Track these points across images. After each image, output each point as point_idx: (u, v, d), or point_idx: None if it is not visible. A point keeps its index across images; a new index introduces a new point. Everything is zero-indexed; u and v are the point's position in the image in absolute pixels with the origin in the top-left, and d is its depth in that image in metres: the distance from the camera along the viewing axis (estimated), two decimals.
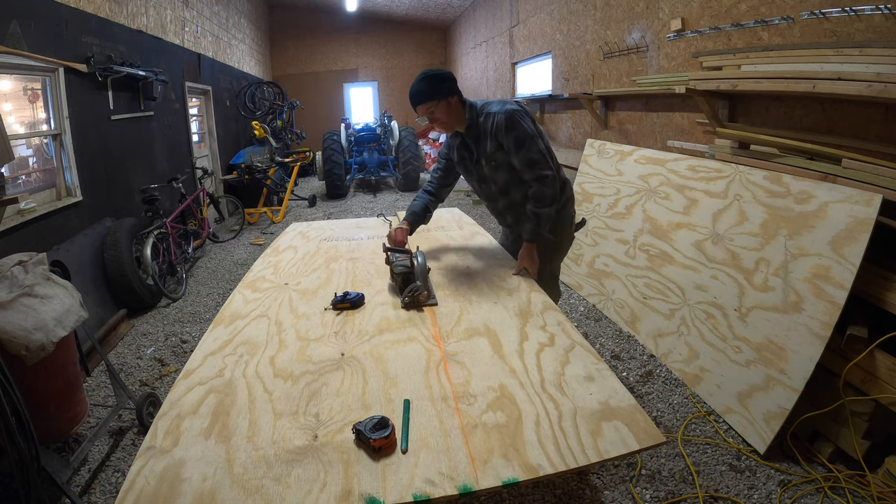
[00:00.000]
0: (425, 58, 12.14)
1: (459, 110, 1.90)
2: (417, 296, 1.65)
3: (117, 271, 3.44)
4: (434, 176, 2.19)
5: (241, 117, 8.15)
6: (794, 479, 1.85)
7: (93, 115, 3.79)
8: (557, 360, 1.34)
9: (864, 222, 1.86)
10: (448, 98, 1.85)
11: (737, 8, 3.00)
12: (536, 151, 1.82)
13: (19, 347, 1.65)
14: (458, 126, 1.94)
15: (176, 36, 5.57)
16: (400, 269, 1.73)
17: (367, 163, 8.29)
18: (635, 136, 4.29)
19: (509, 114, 1.80)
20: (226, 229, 6.22)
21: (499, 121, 1.81)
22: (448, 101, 1.85)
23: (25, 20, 3.00)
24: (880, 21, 2.17)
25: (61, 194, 3.44)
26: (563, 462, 0.99)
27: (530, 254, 1.91)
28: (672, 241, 2.80)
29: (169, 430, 1.09)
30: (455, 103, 1.88)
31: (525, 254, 1.91)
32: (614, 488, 1.84)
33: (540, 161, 1.82)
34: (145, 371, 2.86)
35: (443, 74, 1.88)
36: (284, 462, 0.99)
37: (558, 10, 5.71)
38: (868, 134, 2.27)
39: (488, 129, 1.86)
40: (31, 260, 1.92)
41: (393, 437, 1.02)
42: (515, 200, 1.99)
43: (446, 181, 2.18)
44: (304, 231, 2.71)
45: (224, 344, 1.47)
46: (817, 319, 1.91)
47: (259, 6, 10.09)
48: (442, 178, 2.16)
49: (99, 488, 1.95)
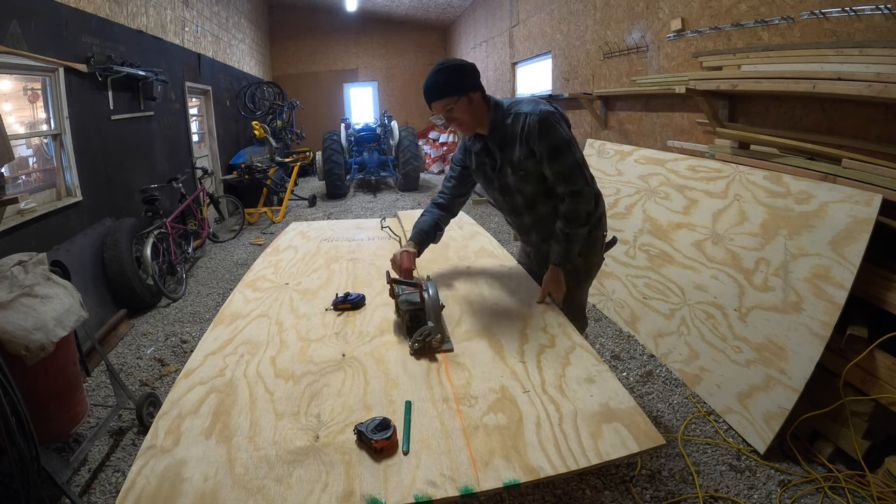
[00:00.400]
0: (425, 58, 12.13)
1: (482, 109, 1.65)
2: (429, 341, 1.38)
3: (117, 271, 3.44)
4: (446, 186, 1.90)
5: (241, 117, 8.14)
6: (794, 479, 1.85)
7: (93, 115, 3.79)
8: (558, 361, 1.34)
9: (864, 222, 1.86)
10: (470, 94, 1.60)
11: (737, 8, 3.00)
12: (573, 162, 1.57)
13: (19, 347, 1.65)
14: (479, 127, 1.68)
15: (176, 36, 5.57)
16: (407, 306, 1.47)
17: (367, 163, 8.29)
18: (635, 136, 4.29)
19: (544, 116, 1.54)
20: (226, 229, 6.22)
21: (531, 123, 1.56)
22: (470, 97, 1.60)
23: (25, 20, 3.00)
24: (880, 21, 2.17)
25: (61, 194, 3.43)
26: (563, 464, 0.99)
27: (557, 279, 1.66)
28: (672, 241, 2.80)
29: (170, 429, 1.09)
30: (478, 100, 1.63)
31: (551, 278, 1.66)
32: (614, 488, 1.84)
33: (576, 174, 1.58)
34: (145, 371, 2.86)
35: (464, 66, 1.62)
36: (286, 462, 0.99)
37: (558, 10, 5.71)
38: (868, 134, 2.28)
39: (517, 133, 1.60)
40: (31, 260, 1.92)
41: (394, 439, 1.03)
42: (543, 216, 1.74)
43: (460, 191, 1.89)
44: (304, 231, 2.71)
45: (225, 343, 1.47)
46: (817, 319, 1.91)
47: (259, 6, 10.09)
48: (455, 187, 1.87)
49: (99, 488, 1.95)
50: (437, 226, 1.85)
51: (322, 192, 8.14)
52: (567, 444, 1.04)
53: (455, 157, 1.88)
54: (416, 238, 1.81)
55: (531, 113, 1.57)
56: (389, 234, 2.44)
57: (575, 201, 1.60)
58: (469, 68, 1.62)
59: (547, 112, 1.55)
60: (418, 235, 1.81)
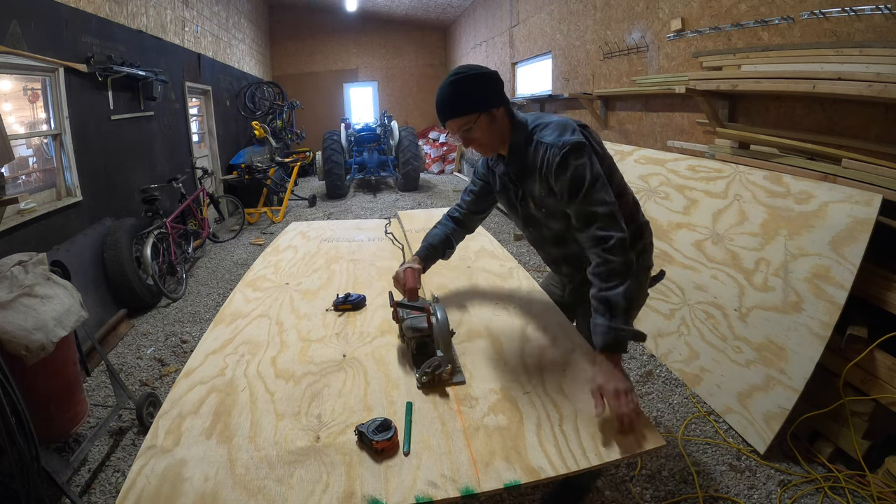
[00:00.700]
0: (425, 58, 12.14)
1: (506, 127, 1.38)
2: (439, 374, 1.22)
3: (117, 271, 3.44)
4: (464, 199, 1.66)
5: (241, 117, 8.14)
6: (794, 479, 1.85)
7: (93, 115, 3.79)
8: (558, 362, 1.34)
9: (864, 222, 1.86)
10: (493, 110, 1.33)
11: (737, 8, 3.00)
12: (600, 203, 1.24)
13: (19, 347, 1.65)
14: (501, 148, 1.42)
15: (176, 36, 5.57)
16: (413, 333, 1.31)
17: (367, 163, 8.29)
18: (635, 136, 4.30)
19: (566, 150, 1.25)
20: (226, 229, 6.22)
21: (549, 158, 1.28)
22: (492, 114, 1.33)
23: (25, 20, 3.00)
24: (880, 21, 2.17)
25: (61, 194, 3.43)
26: (563, 465, 0.99)
27: (609, 372, 1.13)
28: (672, 241, 2.80)
29: (170, 429, 1.09)
30: (501, 117, 1.36)
31: (602, 373, 1.14)
32: (614, 488, 1.85)
33: (603, 218, 1.24)
34: (145, 371, 2.86)
35: (486, 76, 1.33)
36: (287, 463, 0.99)
37: (558, 10, 5.71)
38: (868, 134, 2.28)
39: (537, 166, 1.33)
40: (31, 260, 1.92)
41: (395, 440, 1.02)
42: (574, 252, 1.47)
43: (479, 207, 1.64)
44: (304, 231, 2.70)
45: (225, 343, 1.47)
46: (817, 319, 1.91)
47: (259, 6, 10.08)
48: (473, 203, 1.63)
49: (99, 488, 1.95)
50: (448, 241, 1.63)
51: (322, 192, 8.14)
52: (567, 445, 1.04)
53: (478, 168, 1.63)
54: (423, 253, 1.60)
55: (552, 145, 1.28)
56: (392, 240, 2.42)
57: (605, 252, 1.22)
58: (491, 78, 1.34)
59: (571, 144, 1.25)
60: (426, 250, 1.60)
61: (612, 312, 1.17)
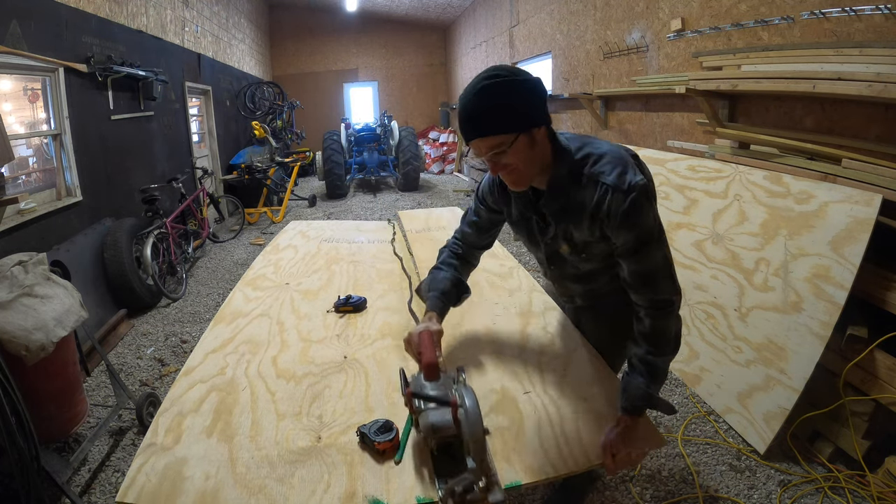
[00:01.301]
0: (425, 58, 12.14)
1: (547, 153, 1.10)
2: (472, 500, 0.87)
3: (117, 271, 3.44)
4: (464, 231, 1.38)
5: (241, 117, 8.14)
6: (794, 479, 1.85)
7: (93, 114, 3.79)
8: (559, 362, 1.34)
9: (864, 222, 1.87)
10: (533, 131, 1.04)
11: (737, 8, 3.00)
12: (661, 260, 1.09)
13: (19, 347, 1.65)
14: (537, 179, 1.13)
15: (176, 36, 5.57)
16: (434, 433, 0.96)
17: (367, 163, 8.29)
18: (635, 136, 4.30)
19: (635, 196, 1.02)
20: (226, 229, 6.22)
21: (614, 203, 1.04)
22: (532, 135, 1.04)
23: (25, 20, 3.00)
24: (880, 21, 2.17)
25: (61, 194, 3.43)
26: (564, 465, 0.99)
27: (630, 436, 1.04)
28: (672, 241, 2.79)
29: (170, 427, 1.09)
30: (542, 140, 1.08)
31: (623, 435, 1.03)
32: (614, 488, 1.85)
33: (663, 280, 1.10)
34: (145, 371, 2.86)
35: (528, 83, 1.03)
36: (288, 462, 0.99)
37: (558, 10, 5.71)
38: (868, 134, 2.28)
39: (587, 206, 1.08)
40: (31, 260, 1.92)
41: (397, 441, 1.02)
42: (596, 289, 1.32)
43: (482, 241, 1.39)
44: (304, 230, 2.70)
45: (225, 342, 1.47)
46: (817, 319, 1.91)
47: (259, 6, 10.08)
48: (476, 235, 1.37)
49: (99, 488, 1.95)
50: (459, 284, 1.34)
51: (322, 192, 8.14)
52: (568, 446, 1.04)
53: (481, 190, 1.32)
54: (438, 306, 1.28)
55: (615, 187, 1.03)
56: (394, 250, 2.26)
57: (660, 316, 1.10)
58: (535, 87, 1.04)
59: (639, 190, 1.02)
60: (436, 302, 1.28)
61: (653, 378, 1.09)
